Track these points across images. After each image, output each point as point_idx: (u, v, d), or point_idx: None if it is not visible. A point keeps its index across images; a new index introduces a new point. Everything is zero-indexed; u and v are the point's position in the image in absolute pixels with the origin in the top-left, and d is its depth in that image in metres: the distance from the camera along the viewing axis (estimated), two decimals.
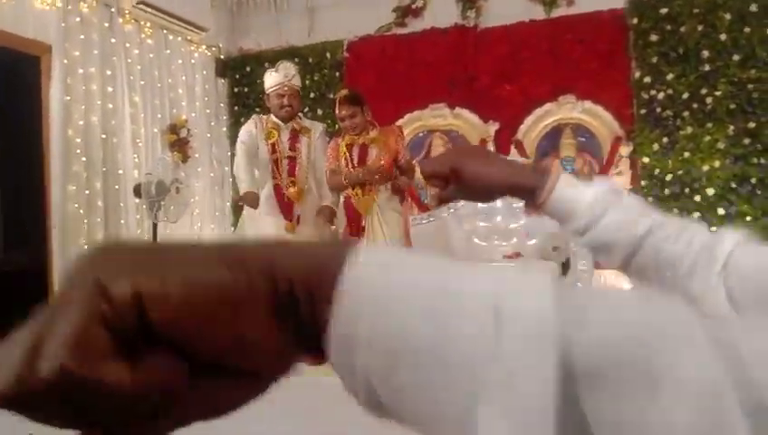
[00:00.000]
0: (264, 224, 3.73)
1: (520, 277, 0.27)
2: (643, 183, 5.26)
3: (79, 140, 4.74)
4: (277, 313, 0.26)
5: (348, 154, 3.71)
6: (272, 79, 3.82)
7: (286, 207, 3.71)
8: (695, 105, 5.10)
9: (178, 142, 5.66)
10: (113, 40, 5.08)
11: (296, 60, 6.28)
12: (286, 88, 3.76)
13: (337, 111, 3.71)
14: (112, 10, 5.08)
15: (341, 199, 3.76)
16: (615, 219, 0.71)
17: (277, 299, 0.26)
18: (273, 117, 3.84)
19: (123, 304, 0.25)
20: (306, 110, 6.26)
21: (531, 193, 0.75)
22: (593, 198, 0.72)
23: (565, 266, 4.04)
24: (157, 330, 0.25)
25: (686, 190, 5.12)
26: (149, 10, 5.24)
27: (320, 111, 6.23)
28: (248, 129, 3.84)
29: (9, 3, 4.25)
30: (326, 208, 3.83)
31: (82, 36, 4.80)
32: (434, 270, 0.27)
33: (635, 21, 5.28)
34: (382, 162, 3.61)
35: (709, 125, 5.06)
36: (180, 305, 0.25)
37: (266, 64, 6.22)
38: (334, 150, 3.81)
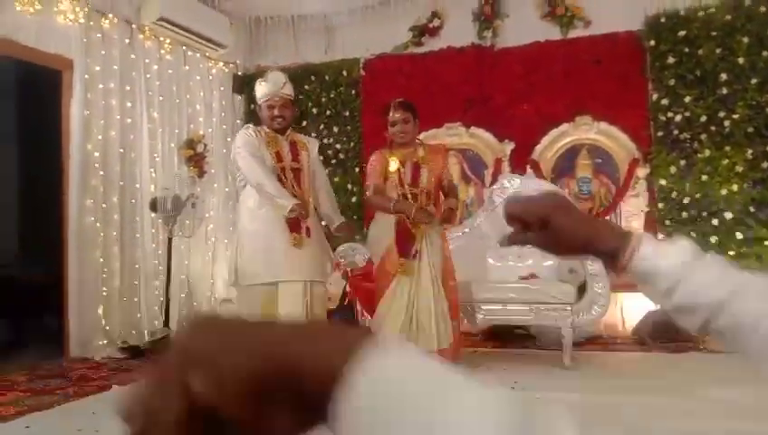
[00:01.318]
0: (267, 240, 3.45)
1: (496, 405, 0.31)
2: (660, 206, 5.22)
3: (97, 155, 4.78)
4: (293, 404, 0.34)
5: (401, 171, 3.57)
6: (262, 89, 3.58)
7: (294, 219, 3.45)
8: (713, 128, 5.08)
9: (195, 157, 5.69)
10: (133, 56, 5.14)
11: (312, 77, 6.35)
12: (277, 98, 3.53)
13: (390, 115, 3.58)
14: (133, 26, 5.15)
15: (394, 220, 3.55)
16: (698, 281, 0.70)
17: (298, 395, 0.33)
18: (266, 128, 3.61)
19: (200, 401, 0.34)
20: (321, 127, 6.30)
21: (613, 255, 0.75)
22: (675, 259, 0.72)
23: (581, 289, 4.00)
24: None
25: (704, 214, 5.07)
26: (169, 27, 5.30)
27: (335, 129, 6.26)
28: (247, 135, 3.54)
29: (34, 18, 4.32)
30: (345, 226, 3.77)
31: (103, 52, 4.86)
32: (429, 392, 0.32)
33: (652, 43, 5.27)
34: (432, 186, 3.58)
35: (727, 148, 5.03)
36: (231, 407, 0.34)
37: None
38: (379, 164, 3.62)
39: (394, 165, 3.55)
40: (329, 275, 3.80)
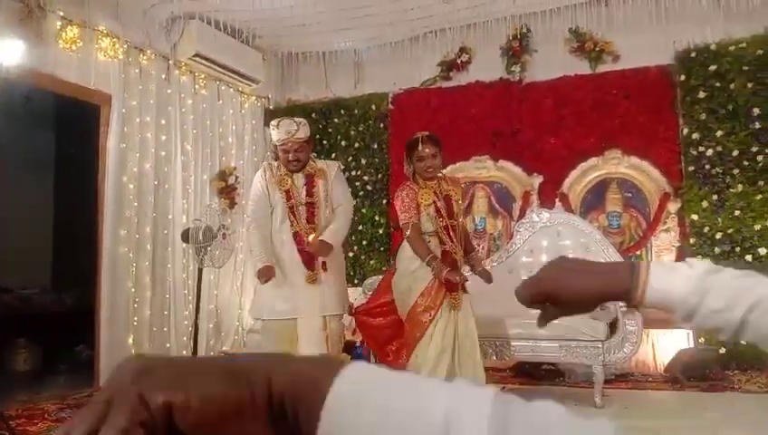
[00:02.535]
0: (285, 276, 3.55)
1: (468, 393, 0.36)
2: (692, 241, 5.14)
3: (132, 187, 4.89)
4: (271, 421, 0.37)
5: (437, 203, 3.49)
6: (275, 135, 3.63)
7: (308, 255, 3.49)
8: (745, 163, 5.01)
9: (226, 189, 5.79)
10: (169, 91, 5.28)
11: (342, 111, 6.45)
12: (290, 143, 3.56)
13: (419, 150, 3.50)
14: (170, 62, 5.30)
15: (439, 251, 3.47)
16: (712, 306, 0.72)
17: (270, 410, 0.36)
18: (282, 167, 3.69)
19: (158, 414, 0.35)
20: (350, 159, 6.37)
21: (627, 294, 0.76)
22: (686, 286, 0.73)
23: (612, 326, 3.94)
24: (180, 431, 0.36)
25: (737, 249, 4.98)
26: (205, 62, 5.44)
27: (363, 161, 6.32)
28: (258, 180, 3.69)
29: (75, 55, 4.47)
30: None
31: (140, 87, 5.00)
32: (402, 391, 0.37)
33: (682, 77, 5.25)
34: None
35: (761, 183, 4.95)
36: (198, 416, 0.36)
37: (313, 115, 6.39)
38: (413, 201, 3.50)
39: (429, 198, 3.49)
40: (346, 309, 3.77)
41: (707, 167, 5.13)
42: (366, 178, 6.31)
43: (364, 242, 6.00)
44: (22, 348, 5.39)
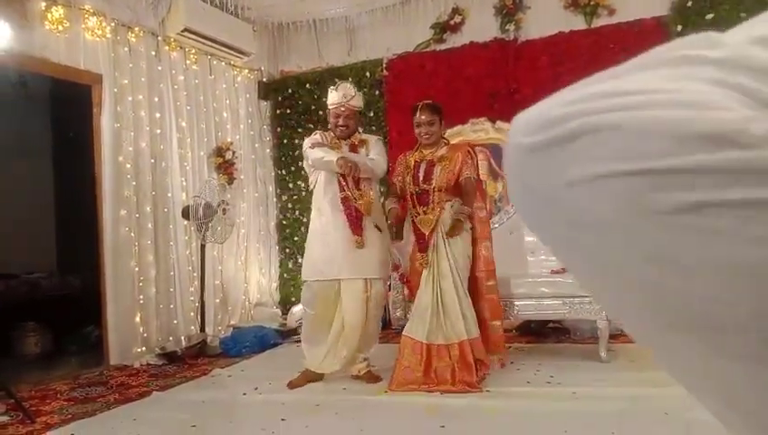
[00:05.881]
0: (329, 239, 3.68)
1: None
2: None
3: (129, 166, 4.87)
4: None
5: (414, 171, 3.67)
6: (331, 97, 3.81)
7: (356, 220, 3.66)
8: None
9: (224, 164, 5.78)
10: (160, 67, 5.23)
11: (336, 80, 6.37)
12: (343, 108, 3.77)
13: (416, 117, 3.66)
14: (158, 38, 5.23)
15: (410, 218, 3.71)
16: None
17: None
18: (330, 133, 3.85)
19: None
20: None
21: None
22: None
23: None
24: None
25: None
26: (194, 37, 5.38)
27: (361, 129, 6.25)
28: (314, 137, 3.82)
29: (63, 35, 4.42)
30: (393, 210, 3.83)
31: (131, 65, 4.95)
32: None
33: (679, 28, 5.17)
34: (444, 182, 3.61)
35: None
36: None
37: (307, 85, 6.33)
38: (400, 165, 3.78)
39: (410, 164, 3.70)
40: (388, 273, 3.94)
41: None
42: None
43: None
44: (32, 332, 5.44)
